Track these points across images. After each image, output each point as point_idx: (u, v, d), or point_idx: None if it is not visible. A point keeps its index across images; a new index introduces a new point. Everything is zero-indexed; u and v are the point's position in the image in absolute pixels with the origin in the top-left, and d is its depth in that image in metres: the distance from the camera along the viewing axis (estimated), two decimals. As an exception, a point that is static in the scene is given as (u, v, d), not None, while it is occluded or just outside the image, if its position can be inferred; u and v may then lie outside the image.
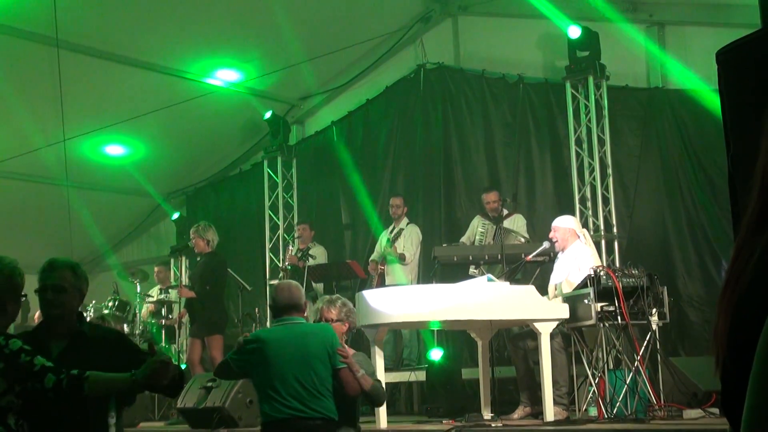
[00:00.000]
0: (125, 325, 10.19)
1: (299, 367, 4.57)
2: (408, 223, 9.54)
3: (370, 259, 9.68)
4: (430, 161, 10.46)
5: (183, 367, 9.13)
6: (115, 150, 11.76)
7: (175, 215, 12.66)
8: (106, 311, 9.76)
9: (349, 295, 10.12)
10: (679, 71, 8.98)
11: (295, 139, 12.05)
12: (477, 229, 8.80)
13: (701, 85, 8.33)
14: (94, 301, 10.24)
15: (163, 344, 9.96)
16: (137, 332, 10.23)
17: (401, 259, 9.23)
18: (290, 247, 10.23)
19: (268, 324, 10.60)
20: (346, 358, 4.61)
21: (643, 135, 8.98)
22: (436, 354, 7.97)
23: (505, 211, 8.52)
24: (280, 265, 10.44)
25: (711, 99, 7.91)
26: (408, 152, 10.71)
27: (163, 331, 10.04)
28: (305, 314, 4.95)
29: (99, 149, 11.47)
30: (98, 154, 11.56)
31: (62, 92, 8.22)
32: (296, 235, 10.29)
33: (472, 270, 8.37)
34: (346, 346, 4.82)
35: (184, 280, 9.32)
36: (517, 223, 8.58)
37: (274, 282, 10.87)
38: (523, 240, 8.41)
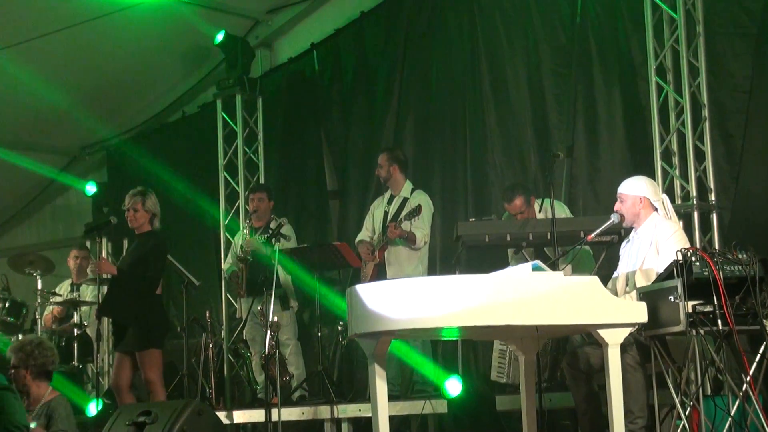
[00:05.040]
0: (19, 336, 10.20)
1: None
2: (413, 190, 9.53)
3: (358, 239, 9.66)
4: (451, 101, 10.42)
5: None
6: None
7: (90, 188, 12.58)
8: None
9: (338, 291, 10.18)
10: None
11: (261, 69, 12.00)
12: None
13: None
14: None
15: (75, 363, 9.96)
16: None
17: (410, 241, 9.20)
18: (245, 229, 10.16)
19: (223, 333, 10.63)
20: None
21: (756, 62, 8.91)
22: (453, 386, 7.77)
23: (537, 207, 8.55)
24: (238, 253, 10.37)
25: None
26: (420, 88, 10.67)
27: (75, 345, 10.05)
28: None
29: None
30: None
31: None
32: (250, 208, 10.24)
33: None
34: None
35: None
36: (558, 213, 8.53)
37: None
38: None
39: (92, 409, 9.13)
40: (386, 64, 10.89)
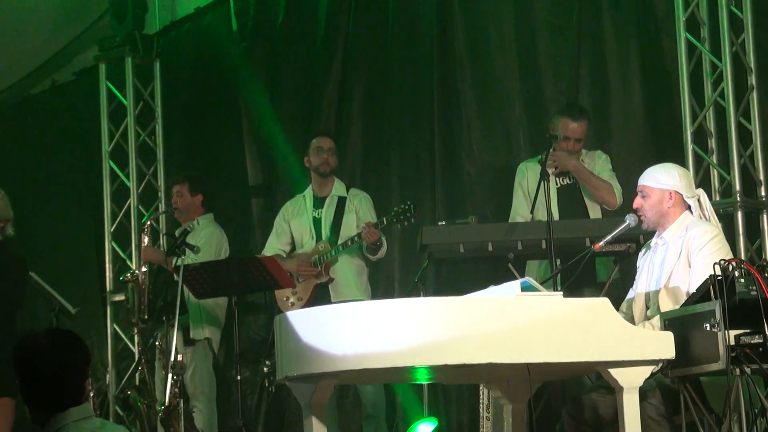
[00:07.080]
0: None
1: None
2: (350, 188, 9.59)
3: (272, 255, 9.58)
4: (413, 65, 10.45)
5: None
6: None
7: None
8: None
9: (263, 319, 10.15)
10: None
11: (159, 23, 12.00)
12: (529, 182, 8.74)
13: None
14: None
15: None
16: None
17: (370, 251, 9.25)
18: (145, 232, 10.12)
19: (108, 377, 10.53)
20: None
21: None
22: (425, 429, 7.87)
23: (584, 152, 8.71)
24: (130, 271, 10.28)
25: None
26: (372, 48, 10.72)
27: None
28: None
29: None
30: None
31: None
32: (172, 204, 10.18)
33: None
34: None
35: None
36: (597, 163, 8.69)
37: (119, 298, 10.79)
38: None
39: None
40: (326, 17, 10.87)
